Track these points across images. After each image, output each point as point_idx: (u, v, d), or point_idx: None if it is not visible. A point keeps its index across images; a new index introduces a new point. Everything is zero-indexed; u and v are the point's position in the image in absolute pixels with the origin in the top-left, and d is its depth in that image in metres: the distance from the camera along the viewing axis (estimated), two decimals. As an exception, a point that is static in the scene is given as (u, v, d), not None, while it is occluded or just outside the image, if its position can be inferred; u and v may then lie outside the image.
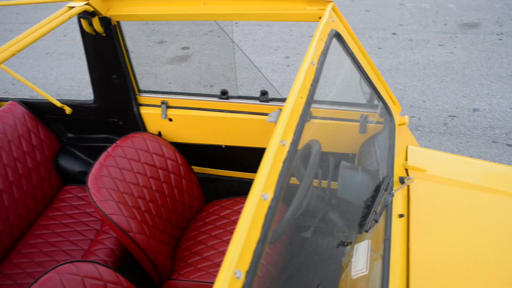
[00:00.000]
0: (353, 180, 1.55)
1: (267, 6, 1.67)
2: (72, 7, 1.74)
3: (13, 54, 1.42)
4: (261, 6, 1.67)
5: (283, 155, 0.94)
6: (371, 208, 1.34)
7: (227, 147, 2.19)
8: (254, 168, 2.26)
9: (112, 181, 1.85)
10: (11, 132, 2.24)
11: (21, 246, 2.21)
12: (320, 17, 1.59)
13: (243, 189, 2.32)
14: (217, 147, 2.21)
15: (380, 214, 1.34)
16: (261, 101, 2.01)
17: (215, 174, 2.35)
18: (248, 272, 0.72)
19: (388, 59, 4.69)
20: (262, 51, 5.08)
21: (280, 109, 1.10)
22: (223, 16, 1.70)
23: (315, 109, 1.95)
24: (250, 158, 2.21)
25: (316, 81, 1.21)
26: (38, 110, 2.40)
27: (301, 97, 1.12)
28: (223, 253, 1.99)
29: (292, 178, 1.71)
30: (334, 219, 1.61)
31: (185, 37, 5.50)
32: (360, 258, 1.34)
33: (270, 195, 0.85)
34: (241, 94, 3.32)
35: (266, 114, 2.02)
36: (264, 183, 0.85)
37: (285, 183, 0.91)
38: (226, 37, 5.20)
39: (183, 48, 5.23)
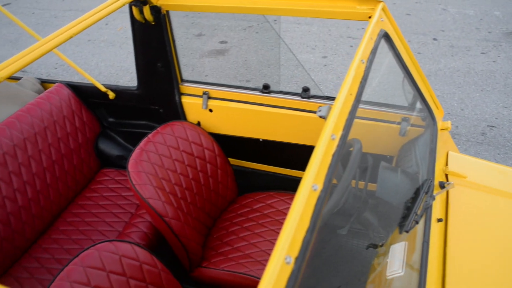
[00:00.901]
0: (393, 181, 1.55)
1: (317, 3, 1.68)
2: None
3: (70, 37, 1.47)
4: (311, 2, 1.68)
5: (333, 148, 0.96)
6: (411, 209, 1.34)
7: (265, 141, 2.21)
8: (290, 164, 2.27)
9: (151, 166, 1.89)
10: (56, 113, 2.32)
11: (59, 223, 2.29)
12: (369, 17, 1.58)
13: (277, 183, 2.34)
14: (255, 141, 2.24)
15: (421, 216, 1.33)
16: (302, 97, 2.02)
17: (250, 167, 2.37)
18: (297, 259, 0.74)
19: (427, 65, 4.61)
20: (300, 49, 5.08)
21: (330, 106, 1.12)
22: (272, 11, 1.71)
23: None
24: (286, 153, 2.22)
25: (365, 79, 1.22)
26: (83, 93, 2.48)
27: (351, 94, 1.13)
28: (254, 245, 2.01)
29: None
30: (370, 219, 1.61)
31: (224, 31, 5.55)
32: (396, 259, 1.34)
33: (319, 186, 0.87)
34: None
35: (306, 111, 2.03)
36: (315, 175, 0.87)
37: (333, 175, 0.92)
38: (265, 34, 5.23)
39: (221, 42, 5.28)
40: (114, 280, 1.50)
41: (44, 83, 2.57)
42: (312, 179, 0.87)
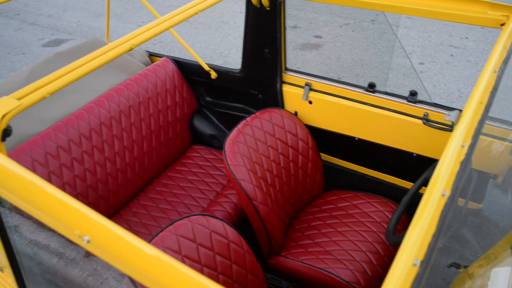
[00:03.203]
0: (502, 202, 1.45)
1: (444, 4, 1.60)
2: None
3: (196, 13, 1.53)
4: (437, 3, 1.61)
5: (462, 156, 0.93)
6: (526, 234, 1.25)
7: (360, 140, 2.17)
8: (382, 167, 2.21)
9: (247, 149, 1.92)
10: (160, 86, 2.43)
11: (149, 190, 2.41)
12: (502, 24, 1.49)
13: (365, 185, 2.29)
14: (350, 139, 2.20)
15: (538, 243, 1.24)
16: (408, 101, 1.95)
17: (339, 165, 2.34)
18: (422, 262, 0.73)
19: (536, 84, 4.28)
20: (396, 52, 4.92)
21: (459, 112, 1.08)
22: (395, 9, 1.66)
23: None
24: (381, 156, 2.16)
25: (495, 88, 1.17)
26: (186, 70, 2.57)
27: (481, 103, 1.09)
28: (335, 242, 1.99)
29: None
30: (467, 237, 1.53)
31: (319, 26, 5.51)
32: (500, 284, 1.26)
33: (448, 192, 0.84)
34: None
35: (410, 115, 1.96)
36: (445, 181, 0.85)
37: (460, 183, 0.89)
38: (362, 33, 5.11)
39: (316, 37, 5.24)
40: (202, 253, 1.54)
41: (152, 56, 2.70)
42: (442, 185, 0.85)
